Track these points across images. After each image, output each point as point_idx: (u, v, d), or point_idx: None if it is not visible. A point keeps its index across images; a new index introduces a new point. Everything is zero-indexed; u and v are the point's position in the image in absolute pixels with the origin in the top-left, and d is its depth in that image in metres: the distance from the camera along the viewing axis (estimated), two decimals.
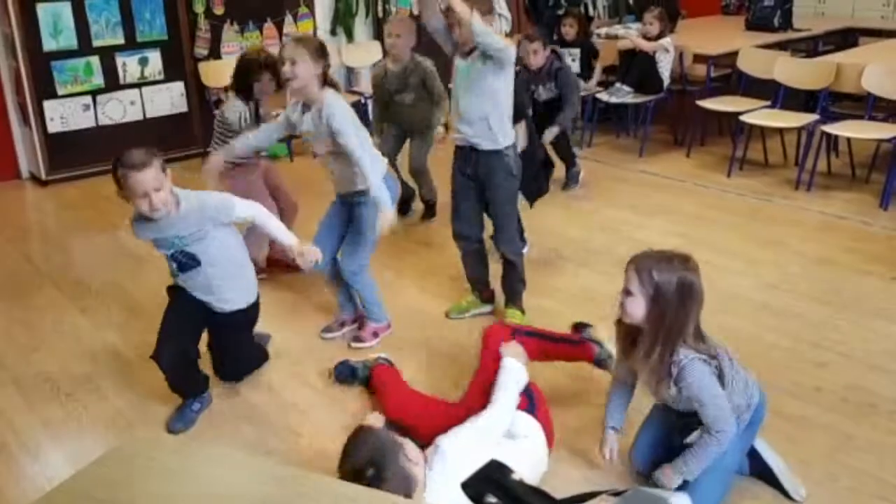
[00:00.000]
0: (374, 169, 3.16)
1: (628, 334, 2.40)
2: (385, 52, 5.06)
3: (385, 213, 3.13)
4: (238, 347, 3.20)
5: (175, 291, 3.00)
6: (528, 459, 2.45)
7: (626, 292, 2.30)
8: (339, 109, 3.13)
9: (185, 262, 2.88)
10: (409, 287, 4.04)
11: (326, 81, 3.17)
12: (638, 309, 2.27)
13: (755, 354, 3.28)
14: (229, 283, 2.97)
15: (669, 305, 2.23)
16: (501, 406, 2.52)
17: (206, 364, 3.16)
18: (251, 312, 3.12)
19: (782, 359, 3.29)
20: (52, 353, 3.54)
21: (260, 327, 3.29)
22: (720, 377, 2.32)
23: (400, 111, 4.69)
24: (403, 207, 4.88)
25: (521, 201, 3.75)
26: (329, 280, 3.58)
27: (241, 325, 3.13)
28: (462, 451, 2.31)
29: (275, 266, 4.23)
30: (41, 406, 3.16)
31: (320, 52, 3.15)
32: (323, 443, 2.85)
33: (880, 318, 3.58)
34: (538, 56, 4.93)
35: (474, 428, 2.42)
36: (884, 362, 3.23)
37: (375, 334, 3.54)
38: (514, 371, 2.63)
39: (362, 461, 2.16)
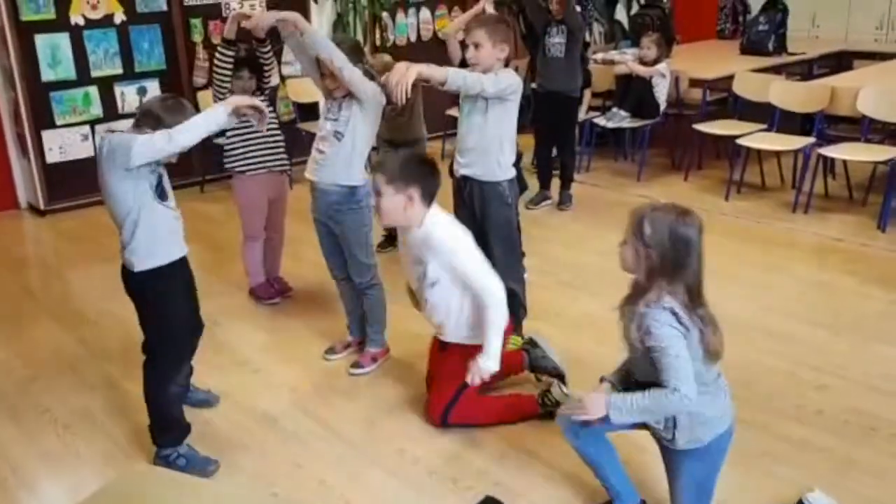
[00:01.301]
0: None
1: (629, 297, 2.31)
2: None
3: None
4: None
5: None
6: None
7: (622, 242, 2.26)
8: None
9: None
10: (408, 312, 4.01)
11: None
12: (628, 255, 2.23)
13: (756, 378, 3.29)
14: None
15: (660, 255, 2.17)
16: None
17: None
18: None
19: (783, 383, 3.27)
20: (50, 385, 3.52)
21: (259, 355, 3.28)
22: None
23: (396, 125, 4.59)
24: (387, 243, 4.83)
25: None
26: (343, 298, 3.62)
27: None
28: None
29: (263, 293, 4.25)
30: (39, 438, 3.14)
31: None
32: (323, 473, 2.83)
33: (880, 341, 3.57)
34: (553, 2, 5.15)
35: None
36: (884, 385, 3.22)
37: (374, 359, 3.54)
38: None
39: None
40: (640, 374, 2.32)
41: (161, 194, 2.75)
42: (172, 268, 2.81)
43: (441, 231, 2.86)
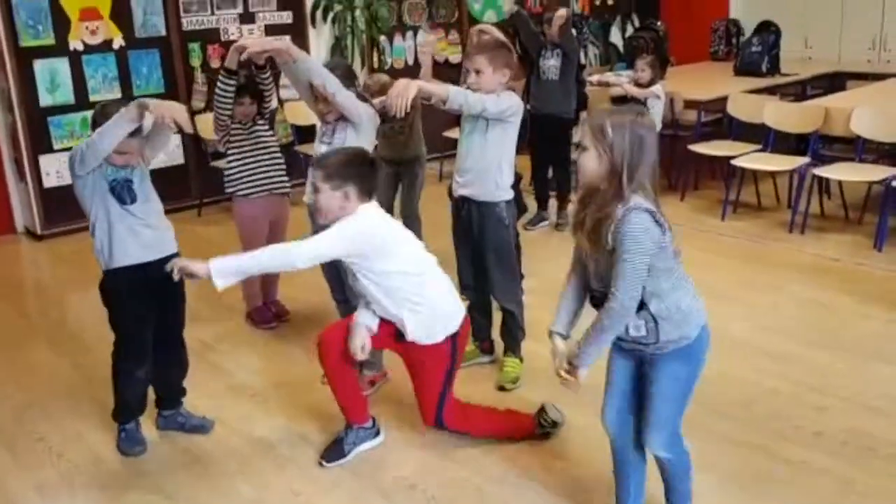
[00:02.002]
0: None
1: (583, 207, 2.33)
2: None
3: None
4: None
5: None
6: None
7: (581, 147, 2.28)
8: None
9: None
10: None
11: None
12: (591, 162, 2.24)
13: (755, 399, 3.28)
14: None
15: (623, 156, 2.20)
16: None
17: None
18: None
19: (783, 404, 3.26)
20: (45, 411, 3.51)
21: (256, 380, 3.26)
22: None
23: (395, 143, 4.60)
24: None
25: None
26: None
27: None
28: None
29: (260, 318, 4.24)
30: (34, 468, 3.11)
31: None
32: (322, 500, 2.81)
33: (879, 361, 3.57)
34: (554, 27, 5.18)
35: None
36: (883, 405, 3.22)
37: (372, 383, 3.53)
38: None
39: None
40: (597, 282, 2.32)
41: (121, 198, 2.89)
42: (129, 271, 2.94)
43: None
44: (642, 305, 2.24)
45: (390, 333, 2.91)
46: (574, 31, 5.50)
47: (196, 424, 3.28)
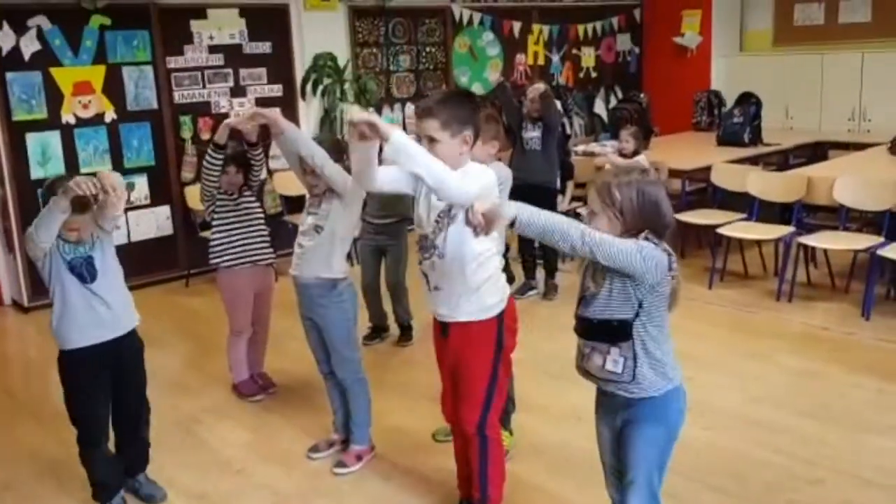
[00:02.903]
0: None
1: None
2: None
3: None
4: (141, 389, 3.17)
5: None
6: None
7: (590, 213, 2.27)
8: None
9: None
10: (394, 408, 3.98)
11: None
12: (601, 226, 2.23)
13: (749, 472, 3.24)
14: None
15: (633, 217, 2.20)
16: None
17: None
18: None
19: (776, 477, 3.23)
20: (29, 491, 3.43)
21: (241, 454, 3.20)
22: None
23: (384, 202, 4.55)
24: (373, 335, 4.87)
25: None
26: (330, 394, 3.57)
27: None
28: None
29: (246, 390, 4.20)
30: None
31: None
32: None
33: (871, 432, 3.54)
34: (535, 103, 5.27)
35: None
36: (877, 478, 3.18)
37: (359, 458, 3.47)
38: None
39: None
40: (584, 307, 2.29)
41: (82, 276, 2.87)
42: (83, 352, 2.93)
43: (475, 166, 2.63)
44: (626, 336, 2.23)
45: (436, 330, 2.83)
46: (558, 103, 5.60)
47: (147, 493, 3.25)
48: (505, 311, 2.80)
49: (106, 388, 3.01)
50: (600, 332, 2.27)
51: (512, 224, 2.16)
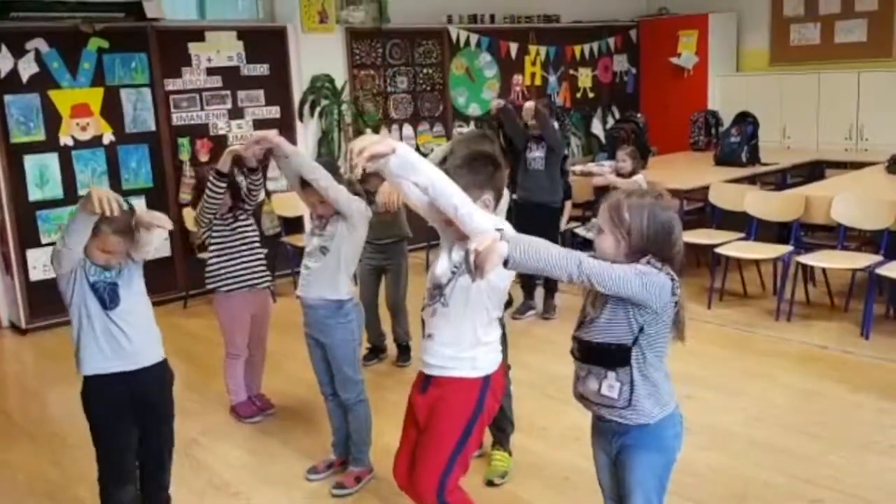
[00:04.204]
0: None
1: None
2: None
3: None
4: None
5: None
6: None
7: (598, 231, 2.25)
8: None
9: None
10: (392, 428, 3.93)
11: None
12: (608, 246, 2.20)
13: (750, 492, 3.22)
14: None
15: (644, 241, 2.17)
16: None
17: None
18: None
19: (778, 498, 3.20)
20: None
21: (239, 476, 3.18)
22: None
23: (382, 223, 4.48)
24: (371, 355, 4.85)
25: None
26: (331, 415, 3.55)
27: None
28: None
29: (244, 411, 4.18)
30: None
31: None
32: None
33: (871, 451, 3.52)
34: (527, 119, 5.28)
35: None
36: (878, 497, 3.16)
37: (358, 479, 3.45)
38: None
39: None
40: (582, 329, 2.27)
41: (103, 300, 2.75)
42: (104, 380, 2.77)
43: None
44: (624, 362, 2.20)
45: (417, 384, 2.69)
46: (556, 124, 5.62)
47: None
48: (493, 374, 2.60)
49: (130, 422, 2.82)
50: (598, 355, 2.25)
51: (505, 263, 2.08)
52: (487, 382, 2.57)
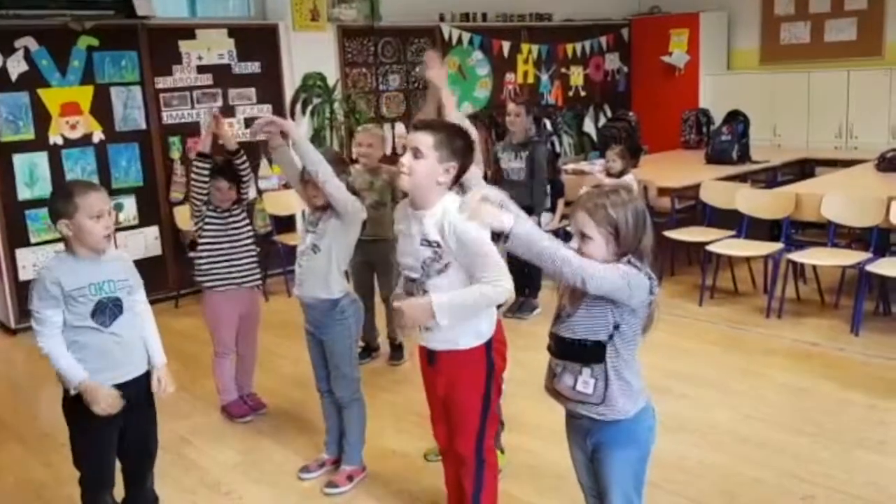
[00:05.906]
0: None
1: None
2: (354, 161, 4.95)
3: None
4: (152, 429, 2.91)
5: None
6: None
7: (582, 236, 2.22)
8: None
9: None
10: (386, 427, 3.95)
11: None
12: (598, 250, 2.19)
13: (740, 490, 3.23)
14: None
15: (629, 234, 2.18)
16: None
17: None
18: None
19: (768, 494, 3.21)
20: None
21: (230, 476, 3.17)
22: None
23: (376, 218, 4.44)
24: (363, 354, 4.81)
25: None
26: (325, 413, 3.54)
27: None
28: None
29: (235, 411, 4.17)
30: None
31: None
32: None
33: (862, 448, 3.54)
34: (518, 121, 5.24)
35: None
36: (870, 494, 3.17)
37: (350, 478, 3.44)
38: None
39: None
40: (559, 324, 2.29)
41: (102, 321, 2.65)
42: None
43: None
44: (599, 358, 2.21)
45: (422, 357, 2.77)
46: (533, 127, 5.52)
47: None
48: (492, 338, 2.72)
49: (115, 424, 2.73)
50: (574, 351, 2.26)
51: (505, 237, 2.12)
52: (489, 344, 2.69)
